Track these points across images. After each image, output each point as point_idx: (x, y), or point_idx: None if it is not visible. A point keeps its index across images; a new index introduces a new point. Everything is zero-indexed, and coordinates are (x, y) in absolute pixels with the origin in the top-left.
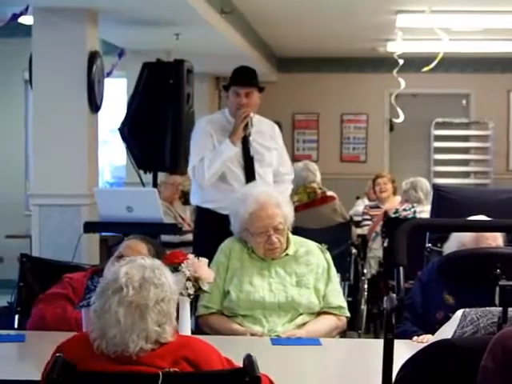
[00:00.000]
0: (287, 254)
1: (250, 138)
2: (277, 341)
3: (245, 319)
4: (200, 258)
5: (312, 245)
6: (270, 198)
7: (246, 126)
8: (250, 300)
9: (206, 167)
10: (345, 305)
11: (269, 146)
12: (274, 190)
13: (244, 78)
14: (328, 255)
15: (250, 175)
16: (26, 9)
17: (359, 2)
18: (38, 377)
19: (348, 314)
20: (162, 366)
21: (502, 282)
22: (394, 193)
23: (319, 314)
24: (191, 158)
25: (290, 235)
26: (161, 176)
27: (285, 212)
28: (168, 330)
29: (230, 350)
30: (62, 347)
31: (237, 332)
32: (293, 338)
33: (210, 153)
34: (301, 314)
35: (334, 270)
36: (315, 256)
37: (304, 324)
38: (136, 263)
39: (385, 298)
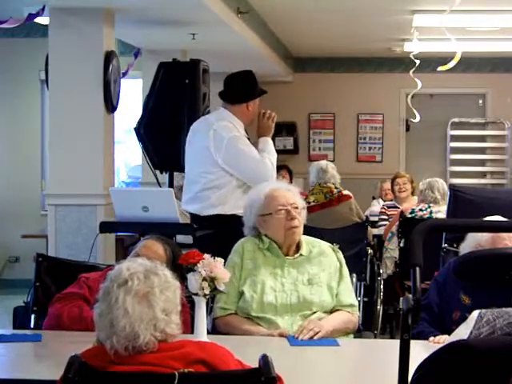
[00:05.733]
0: (301, 255)
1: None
2: (295, 341)
3: (259, 321)
4: (216, 258)
5: (324, 245)
6: (285, 185)
7: None
8: (263, 302)
9: (274, 167)
10: (356, 303)
11: None
12: None
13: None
14: (340, 255)
15: None
16: (43, 9)
17: (375, 2)
18: (54, 376)
19: (359, 314)
20: (176, 368)
21: None
22: (413, 193)
23: (332, 312)
24: (256, 158)
25: (302, 236)
26: (176, 176)
27: (300, 203)
28: (174, 320)
29: (247, 351)
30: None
31: (258, 334)
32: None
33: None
34: (314, 312)
35: (346, 269)
36: (328, 256)
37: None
38: (136, 261)
39: (401, 299)
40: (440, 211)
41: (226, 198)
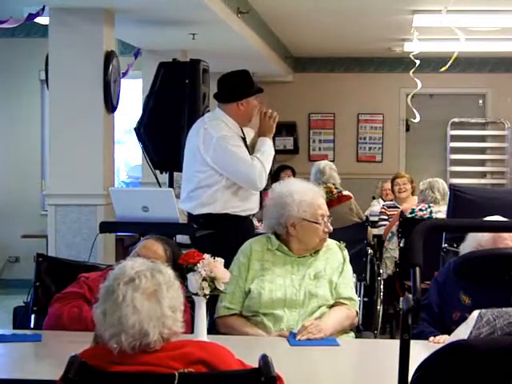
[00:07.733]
0: (310, 254)
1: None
2: (295, 342)
3: (265, 317)
4: (216, 258)
5: (331, 242)
6: (320, 192)
7: None
8: (272, 298)
9: (266, 169)
10: (355, 298)
11: None
12: None
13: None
14: (345, 252)
15: None
16: (43, 9)
17: (376, 2)
18: (54, 376)
19: (357, 309)
20: (176, 368)
21: None
22: (413, 193)
23: (332, 306)
24: (244, 159)
25: None
26: (177, 176)
27: None
28: (179, 317)
29: (248, 351)
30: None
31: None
32: (311, 340)
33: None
34: (320, 307)
35: (348, 265)
36: (334, 253)
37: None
38: (137, 260)
39: (401, 299)
40: (440, 211)
41: (216, 197)
